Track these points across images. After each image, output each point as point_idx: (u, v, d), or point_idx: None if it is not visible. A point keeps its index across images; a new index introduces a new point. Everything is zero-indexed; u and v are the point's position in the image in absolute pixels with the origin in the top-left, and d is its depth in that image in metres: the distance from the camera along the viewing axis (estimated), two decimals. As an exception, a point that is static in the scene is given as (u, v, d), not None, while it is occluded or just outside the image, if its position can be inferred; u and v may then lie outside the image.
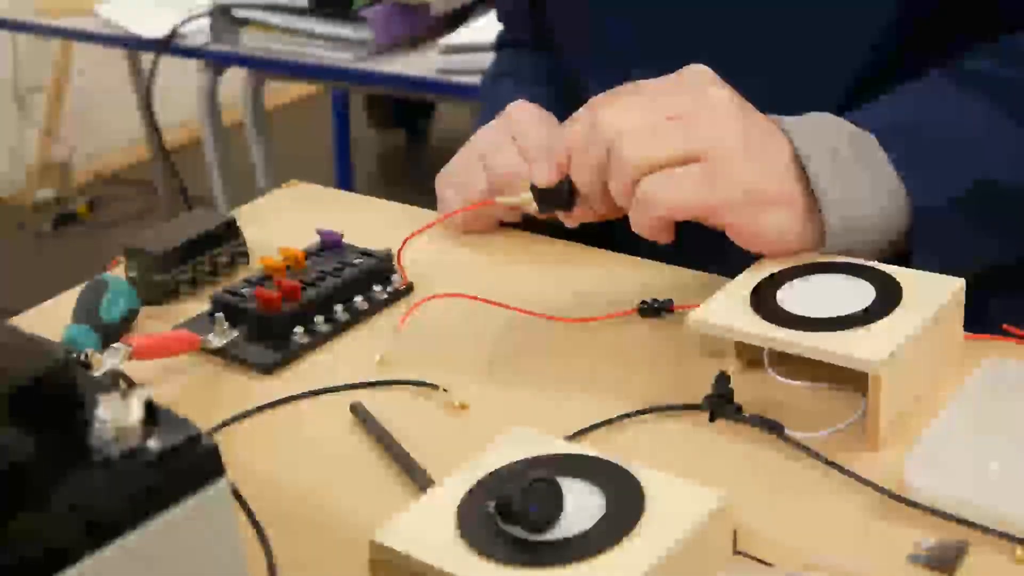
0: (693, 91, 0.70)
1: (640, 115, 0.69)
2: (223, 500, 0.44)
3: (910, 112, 0.74)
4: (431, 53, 1.94)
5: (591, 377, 0.72)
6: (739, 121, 0.69)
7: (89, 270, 0.90)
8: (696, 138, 0.67)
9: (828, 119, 0.72)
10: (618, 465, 0.57)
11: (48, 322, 0.85)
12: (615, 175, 0.69)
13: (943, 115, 0.74)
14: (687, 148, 0.67)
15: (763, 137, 0.69)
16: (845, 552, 0.56)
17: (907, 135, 0.72)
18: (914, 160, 0.71)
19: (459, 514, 0.55)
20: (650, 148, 0.67)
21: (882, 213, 0.70)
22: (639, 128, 0.68)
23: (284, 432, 0.71)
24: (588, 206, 0.74)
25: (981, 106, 0.74)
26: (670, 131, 0.68)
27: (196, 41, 2.19)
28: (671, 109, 0.69)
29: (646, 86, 0.71)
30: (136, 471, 0.41)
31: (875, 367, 0.61)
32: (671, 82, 0.71)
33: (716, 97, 0.69)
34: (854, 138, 0.71)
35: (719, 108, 0.69)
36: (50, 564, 0.39)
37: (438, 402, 0.72)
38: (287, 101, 4.03)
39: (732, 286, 0.70)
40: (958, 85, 0.75)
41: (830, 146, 0.70)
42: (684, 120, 0.68)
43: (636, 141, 0.67)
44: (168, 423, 0.43)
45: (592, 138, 0.70)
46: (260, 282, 0.83)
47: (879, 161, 0.71)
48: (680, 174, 0.67)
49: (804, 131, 0.70)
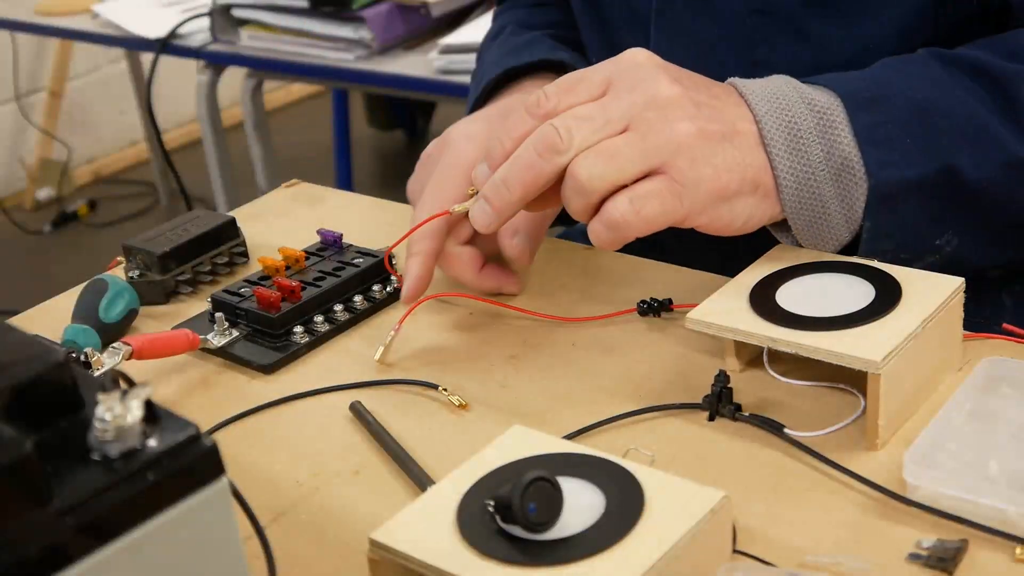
0: (641, 90, 0.67)
1: (592, 129, 0.66)
2: (223, 500, 0.44)
3: (885, 83, 0.71)
4: (431, 53, 1.94)
5: (591, 377, 0.72)
6: (692, 120, 0.66)
7: (89, 270, 0.90)
8: (653, 151, 0.65)
9: (789, 87, 0.70)
10: (618, 465, 0.57)
11: (48, 322, 0.85)
12: (574, 196, 0.66)
13: (920, 92, 0.71)
14: (645, 163, 0.65)
15: (719, 125, 0.67)
16: (845, 551, 0.56)
17: (873, 107, 0.70)
18: (876, 135, 0.69)
19: (458, 513, 0.55)
20: (608, 171, 0.65)
21: (838, 183, 0.69)
22: (595, 150, 0.65)
23: (284, 432, 0.71)
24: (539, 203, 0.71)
25: (965, 93, 0.72)
26: (625, 150, 0.65)
27: (196, 41, 2.19)
28: (622, 117, 0.66)
29: (590, 81, 0.68)
30: (136, 471, 0.41)
31: (875, 367, 0.61)
32: (616, 77, 0.68)
33: (665, 96, 0.66)
34: (814, 106, 0.69)
35: (670, 109, 0.66)
36: (50, 564, 0.39)
37: (438, 402, 0.72)
38: (287, 101, 4.03)
39: (731, 286, 0.70)
40: (944, 65, 0.73)
41: (788, 120, 0.68)
42: (638, 131, 0.66)
43: (593, 164, 0.65)
44: (168, 423, 0.43)
45: (543, 153, 0.66)
46: (260, 282, 0.83)
47: (837, 134, 0.69)
48: (644, 194, 0.65)
49: (764, 102, 0.69)
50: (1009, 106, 0.72)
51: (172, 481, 0.42)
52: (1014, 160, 0.71)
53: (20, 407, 0.42)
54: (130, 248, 0.89)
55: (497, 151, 0.69)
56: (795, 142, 0.69)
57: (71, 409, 0.43)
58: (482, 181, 0.69)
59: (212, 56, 2.19)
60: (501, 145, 0.69)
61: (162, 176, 3.42)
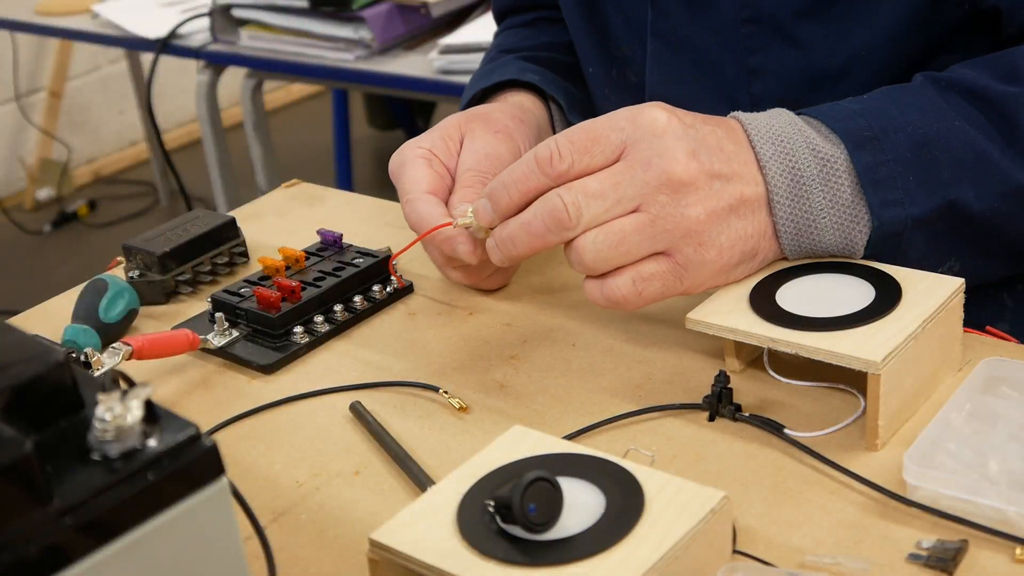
0: (656, 168, 0.66)
1: (602, 208, 0.65)
2: (223, 500, 0.44)
3: (885, 118, 0.71)
4: (431, 53, 1.94)
5: (591, 377, 0.72)
6: (703, 203, 0.67)
7: (89, 270, 0.90)
8: (661, 237, 0.66)
9: (794, 128, 0.70)
10: (618, 465, 0.57)
11: (48, 322, 0.85)
12: (576, 266, 0.68)
13: (920, 125, 0.71)
14: (652, 248, 0.67)
15: (727, 200, 0.67)
16: (845, 552, 0.56)
17: (874, 145, 0.69)
18: (877, 174, 0.69)
19: (458, 514, 0.55)
20: (614, 256, 0.66)
21: (840, 230, 0.69)
22: (604, 231, 0.66)
23: (284, 432, 0.71)
24: None
25: (963, 121, 0.72)
26: (633, 236, 0.66)
27: (196, 41, 2.19)
28: (634, 197, 0.66)
29: (606, 143, 0.67)
30: (136, 471, 0.41)
31: (875, 367, 0.61)
32: (632, 144, 0.67)
33: (679, 179, 0.66)
34: (818, 152, 0.69)
35: (683, 193, 0.66)
36: (50, 564, 0.39)
37: (438, 403, 0.72)
38: (287, 101, 4.03)
39: (732, 286, 0.70)
40: (941, 92, 0.73)
41: (791, 166, 0.69)
42: (648, 214, 0.66)
43: (600, 248, 0.66)
44: (168, 423, 0.43)
45: (551, 228, 0.66)
46: (260, 282, 0.83)
47: (840, 181, 0.69)
48: (648, 276, 0.67)
49: (768, 144, 0.69)
50: (1008, 132, 0.72)
51: (172, 481, 0.42)
52: (1015, 188, 0.71)
53: (20, 407, 0.42)
54: (130, 248, 0.89)
55: (503, 200, 0.69)
56: (798, 188, 0.69)
57: (71, 409, 0.43)
58: (483, 216, 0.70)
59: (212, 56, 2.19)
60: (507, 194, 0.68)
61: (162, 176, 3.42)
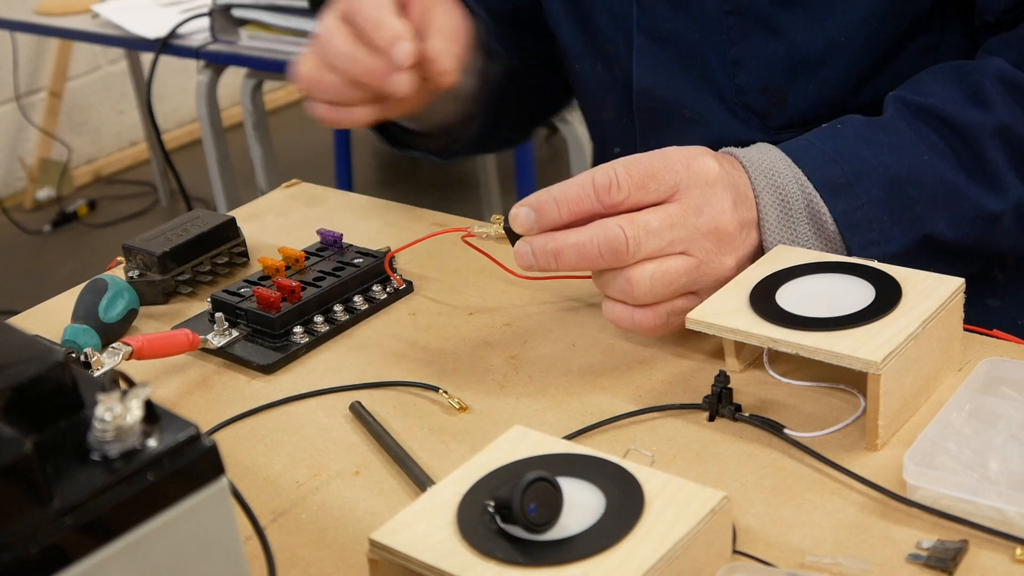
0: (707, 216, 0.70)
1: (657, 247, 0.69)
2: (223, 500, 0.44)
3: (857, 161, 0.74)
4: (431, 53, 1.94)
5: (591, 377, 0.72)
6: (735, 253, 0.72)
7: (89, 270, 0.90)
8: (700, 280, 0.71)
9: (784, 163, 0.74)
10: (618, 465, 0.57)
11: (48, 322, 0.85)
12: (619, 294, 0.70)
13: (892, 164, 0.75)
14: (688, 289, 0.71)
15: (746, 247, 0.73)
16: (845, 552, 0.56)
17: (848, 192, 0.73)
18: (854, 219, 0.73)
19: (458, 514, 0.55)
20: (662, 293, 0.70)
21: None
22: (659, 269, 0.69)
23: (284, 432, 0.71)
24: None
25: (932, 154, 0.75)
26: (682, 279, 0.70)
27: (196, 41, 2.19)
28: (684, 241, 0.70)
29: (661, 183, 0.70)
30: (136, 471, 0.41)
31: (875, 367, 0.61)
32: (685, 188, 0.70)
33: (724, 230, 0.71)
34: (804, 188, 0.73)
35: (725, 243, 0.71)
36: (50, 564, 0.39)
37: (438, 403, 0.72)
38: (287, 101, 4.03)
39: (731, 286, 0.70)
40: (911, 122, 0.76)
41: (781, 197, 0.73)
42: (695, 258, 0.70)
43: (653, 285, 0.69)
44: (168, 423, 0.43)
45: (606, 255, 0.68)
46: (260, 282, 0.83)
47: (824, 217, 0.74)
48: (679, 311, 0.71)
49: (761, 177, 0.74)
50: (974, 160, 0.76)
51: (172, 481, 0.42)
52: (984, 214, 0.77)
53: (20, 407, 0.42)
54: (130, 248, 0.89)
55: (551, 215, 0.69)
56: (786, 218, 0.74)
57: (71, 409, 0.43)
58: (522, 224, 0.70)
59: (212, 56, 2.19)
60: (557, 211, 0.69)
61: (162, 176, 3.42)
